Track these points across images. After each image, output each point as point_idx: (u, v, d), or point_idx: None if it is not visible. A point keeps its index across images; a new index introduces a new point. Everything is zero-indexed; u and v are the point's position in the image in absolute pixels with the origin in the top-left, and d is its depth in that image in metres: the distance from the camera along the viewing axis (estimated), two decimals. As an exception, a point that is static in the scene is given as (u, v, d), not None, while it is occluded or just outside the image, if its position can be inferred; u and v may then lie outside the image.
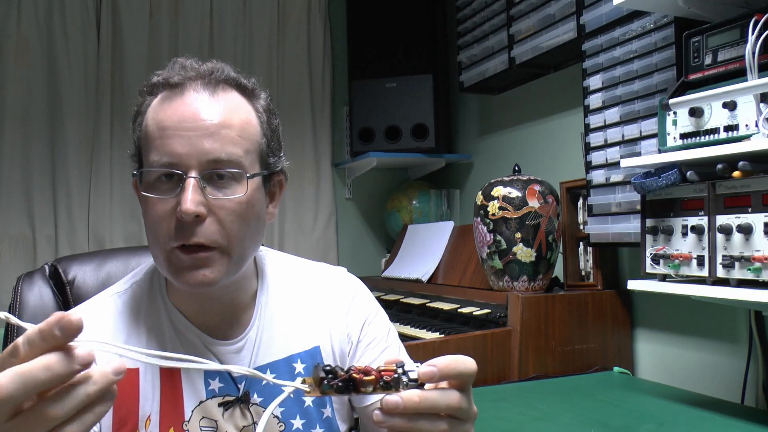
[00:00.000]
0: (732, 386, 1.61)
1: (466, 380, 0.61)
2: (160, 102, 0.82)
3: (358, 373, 0.59)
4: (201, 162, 0.78)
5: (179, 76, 0.82)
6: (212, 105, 0.81)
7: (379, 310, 1.01)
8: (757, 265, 1.11)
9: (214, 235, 0.79)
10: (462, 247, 2.27)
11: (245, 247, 0.84)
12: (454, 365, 0.60)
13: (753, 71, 1.15)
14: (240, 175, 0.81)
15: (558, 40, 2.00)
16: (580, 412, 1.40)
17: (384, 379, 0.59)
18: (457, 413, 0.61)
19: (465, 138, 2.86)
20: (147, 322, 0.89)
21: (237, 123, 0.82)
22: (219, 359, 0.88)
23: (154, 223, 0.80)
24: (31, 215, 2.56)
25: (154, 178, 0.80)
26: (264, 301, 0.94)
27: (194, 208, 0.77)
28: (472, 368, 0.61)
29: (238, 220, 0.81)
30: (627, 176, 1.66)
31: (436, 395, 0.60)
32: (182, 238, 0.79)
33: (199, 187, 0.78)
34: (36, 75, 2.58)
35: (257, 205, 0.84)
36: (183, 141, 0.78)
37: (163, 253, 0.81)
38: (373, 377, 0.59)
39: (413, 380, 0.60)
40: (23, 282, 1.11)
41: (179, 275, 0.80)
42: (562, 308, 1.80)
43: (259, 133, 0.85)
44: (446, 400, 0.60)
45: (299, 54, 2.93)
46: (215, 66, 0.84)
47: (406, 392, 0.59)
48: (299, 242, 2.90)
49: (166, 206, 0.79)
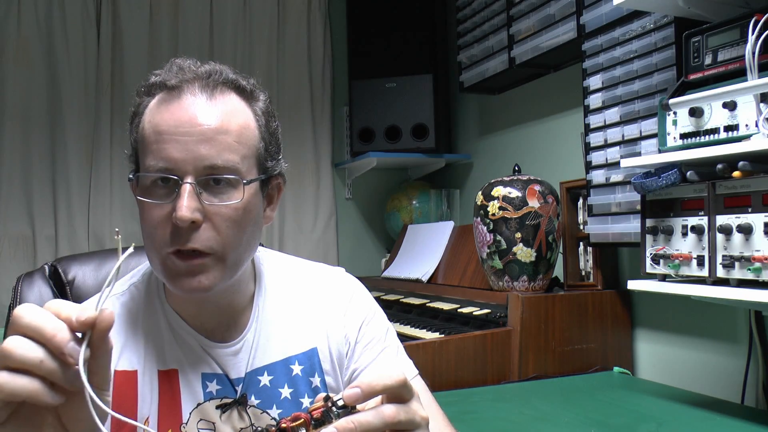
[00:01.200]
0: (732, 386, 1.61)
1: (397, 391, 0.61)
2: (157, 104, 0.81)
3: (287, 422, 0.59)
4: (197, 168, 0.78)
5: (177, 78, 0.81)
6: (209, 109, 0.80)
7: (378, 310, 1.01)
8: (757, 265, 1.11)
9: (210, 241, 0.79)
10: (462, 247, 2.27)
11: (241, 252, 0.83)
12: (376, 380, 0.60)
13: (753, 71, 1.15)
14: (236, 181, 0.80)
15: (558, 40, 2.00)
16: (580, 412, 1.40)
17: (314, 417, 0.59)
18: (398, 426, 0.61)
19: (465, 138, 2.86)
20: (145, 324, 0.89)
21: (234, 128, 0.80)
22: (216, 361, 0.88)
23: (150, 228, 0.80)
24: (31, 215, 2.56)
25: (150, 183, 0.79)
26: (261, 303, 0.93)
27: (189, 215, 0.76)
28: (397, 378, 0.61)
29: (234, 226, 0.80)
30: (627, 176, 1.66)
31: (369, 415, 0.60)
32: (178, 243, 0.78)
33: (195, 192, 0.77)
34: (36, 75, 2.58)
35: (254, 211, 0.84)
36: (179, 146, 0.77)
37: (159, 258, 0.81)
38: (302, 420, 0.59)
39: (342, 407, 0.60)
40: (23, 282, 1.11)
41: (175, 281, 0.80)
42: (562, 308, 1.80)
43: (257, 138, 0.84)
44: (381, 417, 0.60)
45: (299, 54, 2.93)
46: (213, 68, 0.83)
47: (339, 421, 0.59)
48: (299, 242, 2.90)
49: (162, 211, 0.79)
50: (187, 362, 0.87)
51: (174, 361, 0.87)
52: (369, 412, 0.60)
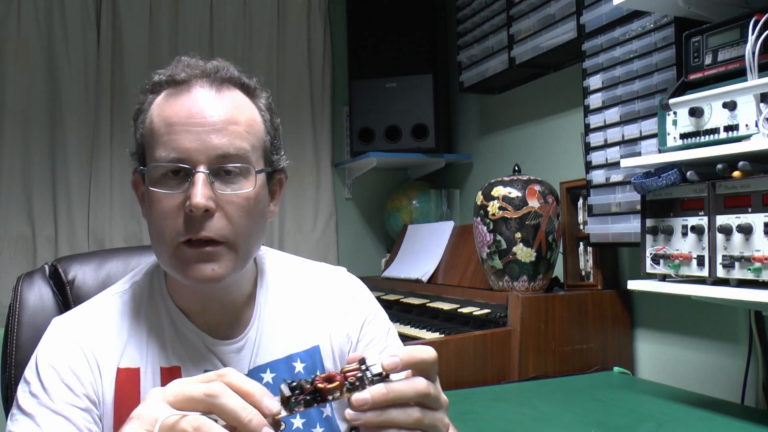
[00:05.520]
0: (732, 386, 1.61)
1: (428, 368, 0.63)
2: (166, 98, 0.83)
3: (323, 382, 0.60)
4: (209, 157, 0.79)
5: (185, 74, 0.83)
6: (219, 102, 0.81)
7: (379, 309, 1.01)
8: (757, 265, 1.11)
9: (223, 230, 0.80)
10: (462, 247, 2.27)
11: (251, 242, 0.84)
12: (414, 353, 0.62)
13: (753, 71, 1.15)
14: (247, 170, 0.81)
15: (558, 40, 2.00)
16: (580, 412, 1.40)
17: (349, 381, 0.60)
18: (426, 400, 0.63)
19: (465, 138, 2.86)
20: (148, 321, 0.89)
21: (243, 120, 0.82)
22: (219, 359, 0.88)
23: (161, 218, 0.80)
24: (31, 215, 2.56)
25: (161, 174, 0.80)
26: (264, 300, 0.94)
27: (204, 202, 0.77)
28: (432, 355, 0.63)
29: (245, 215, 0.81)
30: (627, 176, 1.66)
31: (402, 384, 0.61)
32: (190, 232, 0.79)
33: (208, 181, 0.78)
34: (36, 75, 2.58)
35: (262, 202, 0.85)
36: (191, 136, 0.79)
37: (169, 249, 0.81)
38: (337, 383, 0.60)
39: (377, 374, 0.61)
40: (23, 282, 1.11)
41: (186, 270, 0.80)
42: (562, 308, 1.80)
43: (263, 131, 0.86)
44: (414, 388, 0.62)
45: (299, 54, 2.93)
46: (220, 64, 0.85)
47: (373, 387, 0.60)
48: (299, 242, 2.90)
49: (174, 201, 0.79)
50: (189, 359, 0.87)
51: (177, 359, 0.87)
52: (402, 382, 0.62)
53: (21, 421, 0.79)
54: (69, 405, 0.80)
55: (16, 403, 0.82)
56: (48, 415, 0.79)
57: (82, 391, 0.82)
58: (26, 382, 0.83)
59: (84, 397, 0.82)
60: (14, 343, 1.05)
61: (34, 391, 0.81)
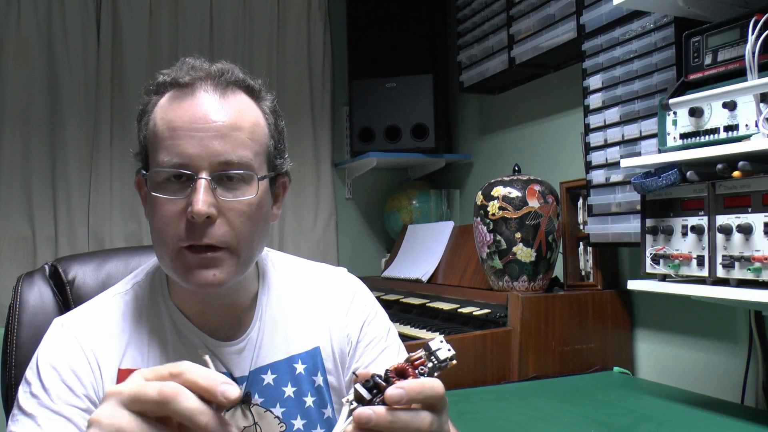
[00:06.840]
0: (732, 386, 1.61)
1: (435, 403, 0.62)
2: (169, 101, 0.82)
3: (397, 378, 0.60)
4: (212, 163, 0.78)
5: (189, 76, 0.82)
6: (223, 106, 0.81)
7: (379, 310, 1.01)
8: (757, 265, 1.11)
9: (225, 236, 0.79)
10: (462, 247, 2.27)
11: (253, 248, 0.84)
12: (421, 389, 0.60)
13: (753, 71, 1.15)
14: (250, 177, 0.81)
15: (558, 40, 2.00)
16: (580, 412, 1.40)
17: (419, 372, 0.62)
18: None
19: (465, 138, 2.86)
20: (149, 323, 0.89)
21: (247, 125, 0.82)
22: (220, 360, 0.88)
23: (163, 223, 0.80)
24: (31, 215, 2.56)
25: (163, 179, 0.80)
26: (265, 301, 0.94)
27: (206, 209, 0.77)
28: (439, 392, 0.62)
29: (247, 222, 0.81)
30: (627, 176, 1.66)
31: (408, 416, 0.60)
32: (192, 238, 0.79)
33: (210, 188, 0.78)
34: (36, 75, 2.58)
35: (265, 207, 0.85)
36: (194, 142, 0.78)
37: (170, 254, 0.81)
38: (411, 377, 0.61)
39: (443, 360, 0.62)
40: (23, 282, 1.11)
41: (187, 275, 0.80)
42: (562, 308, 1.80)
43: (267, 135, 0.85)
44: (417, 422, 0.60)
45: (299, 54, 2.93)
46: (224, 67, 0.84)
47: (378, 409, 0.59)
48: (299, 242, 2.90)
49: (176, 207, 0.79)
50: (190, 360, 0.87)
51: (178, 360, 0.87)
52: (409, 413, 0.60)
53: (22, 421, 0.79)
54: (69, 405, 0.80)
55: (17, 404, 0.82)
56: (49, 416, 0.79)
57: (83, 392, 0.82)
58: (27, 383, 0.83)
59: (84, 398, 0.82)
60: (14, 344, 1.05)
61: (34, 391, 0.81)
